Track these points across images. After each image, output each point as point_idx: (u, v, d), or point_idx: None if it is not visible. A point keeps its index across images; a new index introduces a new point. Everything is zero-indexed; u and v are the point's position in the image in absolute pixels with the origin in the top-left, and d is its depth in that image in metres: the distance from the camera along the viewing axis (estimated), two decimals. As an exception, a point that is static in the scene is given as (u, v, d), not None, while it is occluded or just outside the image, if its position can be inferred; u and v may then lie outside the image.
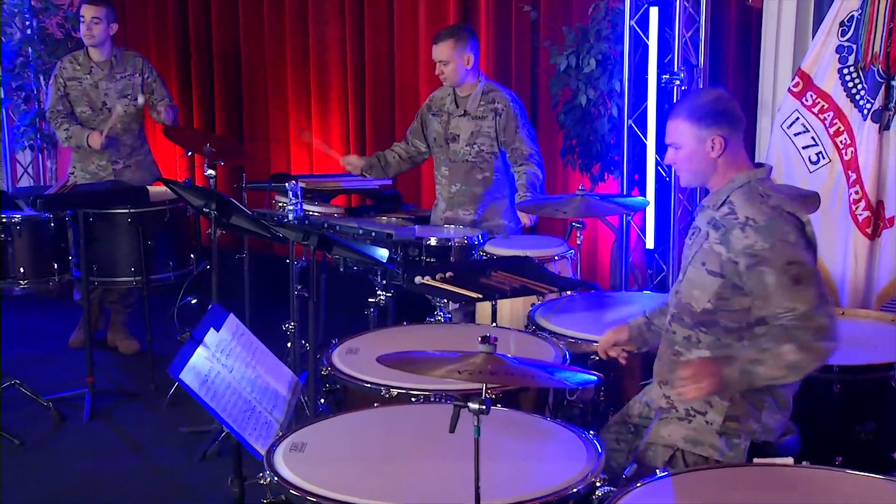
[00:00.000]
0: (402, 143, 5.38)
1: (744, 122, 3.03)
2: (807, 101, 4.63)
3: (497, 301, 3.92)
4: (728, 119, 2.96)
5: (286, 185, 4.59)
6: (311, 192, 5.32)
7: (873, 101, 4.46)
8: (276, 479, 2.52)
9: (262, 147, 7.23)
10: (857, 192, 4.53)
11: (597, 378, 2.69)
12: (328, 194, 5.57)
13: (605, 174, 5.68)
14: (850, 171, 4.55)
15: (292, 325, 4.76)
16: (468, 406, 2.32)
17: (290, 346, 4.84)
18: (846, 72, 4.53)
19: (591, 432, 2.78)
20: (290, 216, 4.43)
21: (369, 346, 3.43)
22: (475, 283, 3.85)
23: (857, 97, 4.51)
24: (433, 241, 4.64)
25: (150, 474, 4.47)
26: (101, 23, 5.61)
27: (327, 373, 3.26)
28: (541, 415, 3.05)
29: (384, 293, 4.64)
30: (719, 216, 2.93)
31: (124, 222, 5.27)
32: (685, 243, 3.14)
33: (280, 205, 5.16)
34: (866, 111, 4.47)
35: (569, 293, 4.06)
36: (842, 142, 4.56)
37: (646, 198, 5.38)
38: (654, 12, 5.29)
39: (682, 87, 5.25)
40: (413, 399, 3.04)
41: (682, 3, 5.21)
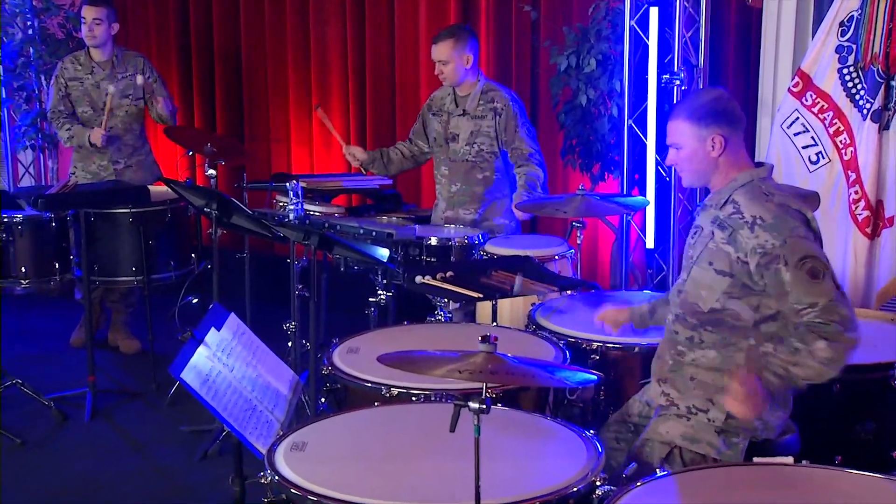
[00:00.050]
0: (405, 143, 5.39)
1: (744, 121, 3.04)
2: (806, 100, 4.64)
3: (497, 300, 3.92)
4: (728, 118, 2.96)
5: (287, 184, 4.59)
6: (312, 191, 5.32)
7: (873, 100, 4.46)
8: (277, 478, 2.52)
9: (262, 147, 7.24)
10: (856, 192, 4.54)
11: (597, 377, 2.69)
12: (329, 194, 5.57)
13: (606, 174, 5.69)
14: (849, 171, 4.56)
15: (293, 324, 4.77)
16: (468, 405, 2.32)
17: (290, 345, 4.85)
18: (846, 72, 4.54)
19: (591, 431, 2.78)
20: (291, 216, 4.43)
21: (370, 346, 3.43)
22: (476, 282, 3.85)
23: (857, 97, 4.52)
24: (434, 241, 4.64)
25: (151, 473, 4.48)
26: (102, 23, 5.62)
27: (328, 372, 3.26)
28: (541, 414, 3.05)
29: (385, 293, 4.64)
30: (724, 216, 2.93)
31: (125, 222, 5.27)
32: (687, 242, 3.14)
33: (281, 204, 5.17)
34: (866, 111, 4.48)
35: (569, 293, 4.06)
36: (841, 142, 4.57)
37: (646, 197, 5.39)
38: (654, 12, 5.29)
39: (682, 87, 5.26)
40: (413, 398, 3.04)
41: (682, 4, 5.22)
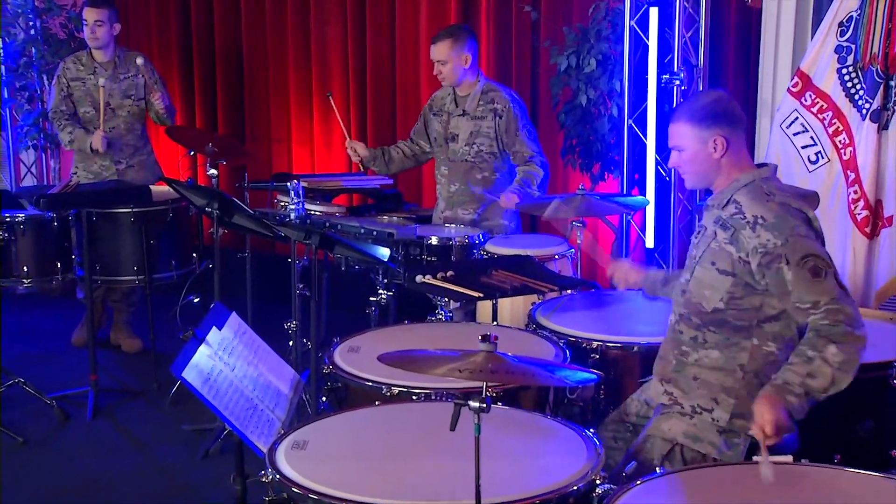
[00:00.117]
0: (406, 142, 5.40)
1: (745, 121, 3.04)
2: (806, 100, 4.65)
3: (498, 300, 3.93)
4: (729, 119, 2.97)
5: (288, 184, 4.60)
6: (313, 191, 5.33)
7: (872, 100, 4.47)
8: (278, 476, 2.53)
9: (263, 147, 7.25)
10: (855, 192, 4.55)
11: (597, 376, 2.69)
12: (330, 194, 5.58)
13: (606, 174, 5.69)
14: (848, 171, 4.56)
15: (294, 323, 4.79)
16: (469, 404, 2.33)
17: (291, 344, 4.86)
18: (845, 72, 4.55)
19: (591, 430, 2.79)
20: (292, 215, 4.44)
21: (370, 345, 3.43)
22: (476, 281, 3.85)
23: (856, 97, 4.52)
24: (434, 241, 4.65)
25: (152, 472, 4.49)
26: (104, 25, 5.62)
27: (329, 371, 3.26)
28: (541, 413, 3.06)
29: (385, 292, 4.65)
30: (726, 216, 2.94)
31: (127, 221, 5.28)
32: (691, 242, 3.15)
33: (282, 204, 5.17)
34: (865, 111, 4.48)
35: (569, 292, 4.07)
36: (841, 141, 4.58)
37: (646, 197, 5.40)
38: (654, 12, 5.30)
39: (682, 87, 5.27)
40: (414, 397, 3.04)
41: (681, 4, 5.23)
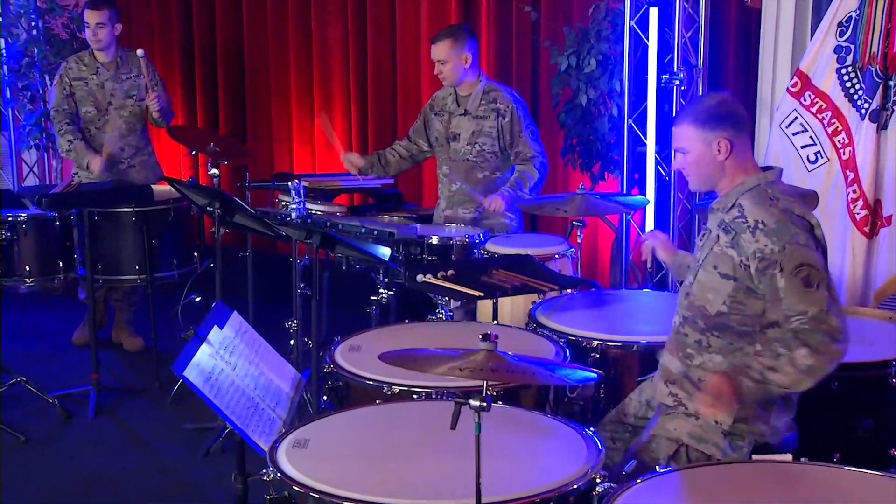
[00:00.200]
0: (403, 141, 5.40)
1: (749, 124, 3.03)
2: (805, 100, 4.66)
3: (498, 299, 3.93)
4: (733, 121, 2.95)
5: (289, 184, 4.60)
6: (314, 191, 5.34)
7: (871, 100, 4.47)
8: (280, 475, 2.53)
9: (265, 146, 7.26)
10: (854, 192, 4.56)
11: (597, 375, 2.70)
12: (331, 193, 5.59)
13: (606, 173, 5.70)
14: (848, 171, 4.57)
15: (295, 322, 4.79)
16: (469, 403, 2.34)
17: (292, 343, 4.87)
18: (844, 72, 4.55)
19: (591, 429, 2.80)
20: (293, 215, 4.44)
21: (371, 344, 3.43)
22: (476, 281, 3.87)
23: (855, 97, 4.53)
24: (435, 240, 4.65)
25: (154, 470, 4.50)
26: (105, 26, 5.62)
27: (330, 370, 3.27)
28: (541, 412, 3.06)
29: (386, 291, 4.66)
30: (729, 219, 2.94)
31: (129, 221, 5.29)
32: (696, 244, 3.15)
33: (283, 204, 5.18)
34: (864, 111, 4.49)
35: (569, 291, 4.08)
36: (840, 141, 4.59)
37: (645, 197, 5.41)
38: (653, 13, 5.31)
39: (682, 87, 5.28)
40: (415, 396, 3.05)
41: (681, 4, 5.24)
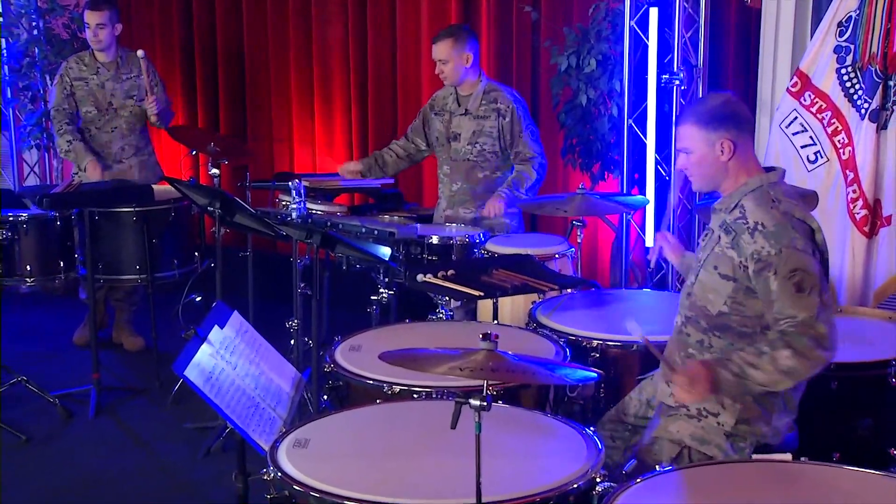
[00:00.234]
0: (400, 141, 5.40)
1: (752, 124, 3.03)
2: (805, 100, 4.66)
3: (498, 299, 3.94)
4: (736, 122, 2.95)
5: (289, 183, 4.61)
6: (315, 190, 5.34)
7: (871, 100, 4.48)
8: (280, 474, 2.54)
9: (265, 146, 7.26)
10: (854, 191, 4.56)
11: (597, 375, 2.71)
12: (331, 193, 5.59)
13: (606, 173, 5.71)
14: (847, 171, 4.57)
15: (295, 322, 4.80)
16: (469, 402, 2.34)
17: (293, 343, 4.88)
18: (844, 72, 4.56)
19: (591, 429, 2.80)
20: (294, 215, 4.44)
21: (372, 344, 3.44)
22: (477, 280, 3.87)
23: (855, 97, 4.54)
24: (435, 240, 4.66)
25: (154, 470, 4.51)
26: (106, 27, 5.63)
27: (330, 370, 3.27)
28: (541, 411, 3.07)
29: (386, 291, 4.67)
30: (731, 220, 2.94)
31: (129, 221, 5.30)
32: (698, 244, 3.16)
33: (283, 203, 5.18)
34: (864, 111, 4.49)
35: (569, 291, 4.09)
36: (839, 141, 4.59)
37: (645, 196, 5.42)
38: (653, 13, 5.31)
39: (682, 87, 5.29)
40: (415, 396, 3.05)
41: (681, 4, 5.24)
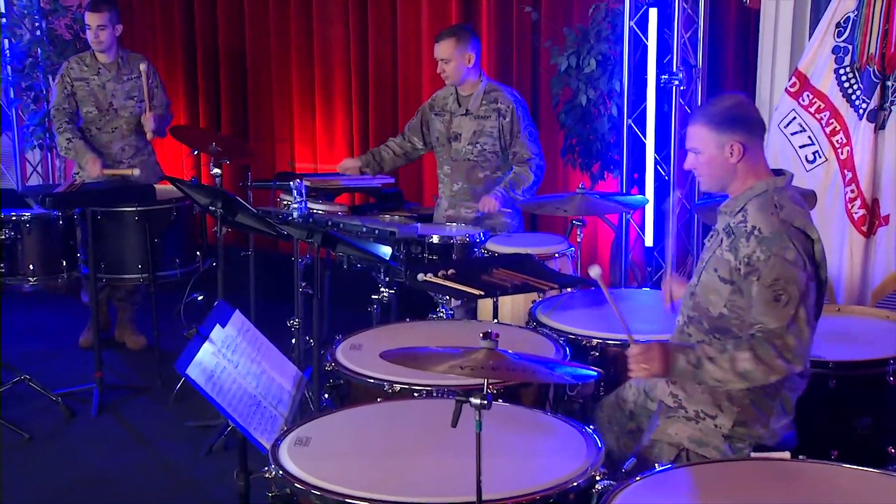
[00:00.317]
0: (397, 138, 5.41)
1: (763, 128, 3.02)
2: (803, 100, 4.67)
3: (498, 298, 3.95)
4: (747, 125, 2.95)
5: (291, 183, 4.62)
6: (316, 190, 5.35)
7: (869, 100, 4.49)
8: (281, 472, 2.55)
9: (267, 146, 7.27)
10: (852, 191, 4.57)
11: (596, 373, 2.72)
12: (332, 193, 5.61)
13: (605, 173, 5.72)
14: (845, 170, 4.59)
15: (297, 321, 4.81)
16: (470, 401, 2.35)
17: (294, 342, 4.89)
18: (842, 72, 4.57)
19: (591, 427, 2.81)
20: (295, 214, 4.45)
21: (372, 342, 3.45)
22: (477, 279, 3.89)
23: (853, 97, 4.55)
24: (435, 239, 4.67)
25: (156, 468, 4.53)
26: (106, 28, 5.65)
27: (331, 368, 3.28)
28: (541, 410, 3.08)
29: (387, 290, 4.68)
30: (734, 223, 2.95)
31: (131, 220, 5.33)
32: (703, 245, 3.17)
33: (285, 203, 5.19)
34: (862, 111, 4.50)
35: (569, 290, 4.10)
36: (838, 141, 4.60)
37: (645, 196, 5.43)
38: (653, 13, 5.32)
39: (681, 88, 5.31)
40: (416, 394, 3.06)
41: (680, 5, 5.25)
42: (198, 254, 5.69)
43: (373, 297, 4.69)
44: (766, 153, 4.73)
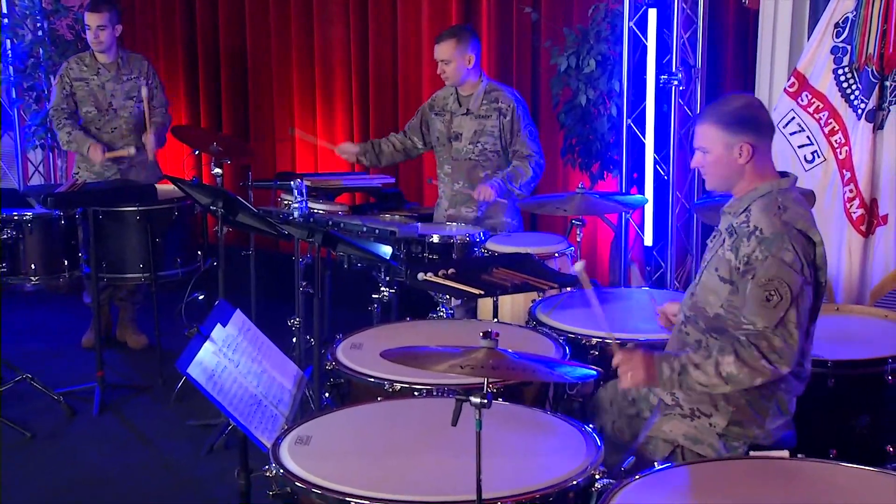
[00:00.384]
0: (398, 135, 5.41)
1: (772, 129, 3.01)
2: (802, 100, 4.68)
3: (498, 297, 3.96)
4: (757, 127, 2.94)
5: (291, 183, 4.62)
6: (316, 190, 5.38)
7: (867, 101, 4.49)
8: (282, 471, 2.55)
9: (267, 146, 7.29)
10: (851, 191, 4.58)
11: (596, 372, 2.72)
12: (332, 192, 5.63)
13: (605, 172, 5.73)
14: (844, 170, 4.59)
15: (297, 320, 4.83)
16: (470, 400, 2.36)
17: (295, 341, 4.91)
18: (841, 72, 4.57)
19: (590, 426, 2.82)
20: (296, 214, 4.45)
21: (373, 342, 3.45)
22: (477, 279, 3.90)
23: (852, 97, 4.55)
24: (435, 238, 4.68)
25: (157, 467, 4.54)
26: (106, 28, 5.66)
27: (332, 367, 3.29)
28: (541, 409, 3.08)
29: (387, 289, 4.68)
30: (737, 224, 2.95)
31: (133, 220, 5.34)
32: (706, 245, 3.17)
33: (285, 203, 5.21)
34: (860, 111, 4.51)
35: (569, 289, 4.11)
36: (836, 141, 4.61)
37: (644, 196, 5.44)
38: (652, 14, 5.33)
39: (680, 88, 5.32)
40: (416, 393, 3.07)
41: (680, 5, 5.26)
42: (199, 253, 5.70)
43: (373, 296, 4.69)
44: (766, 153, 4.80)
